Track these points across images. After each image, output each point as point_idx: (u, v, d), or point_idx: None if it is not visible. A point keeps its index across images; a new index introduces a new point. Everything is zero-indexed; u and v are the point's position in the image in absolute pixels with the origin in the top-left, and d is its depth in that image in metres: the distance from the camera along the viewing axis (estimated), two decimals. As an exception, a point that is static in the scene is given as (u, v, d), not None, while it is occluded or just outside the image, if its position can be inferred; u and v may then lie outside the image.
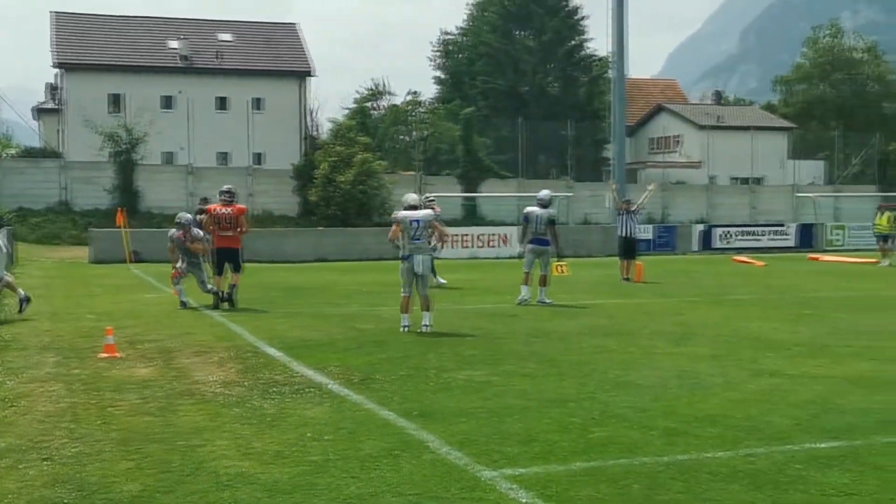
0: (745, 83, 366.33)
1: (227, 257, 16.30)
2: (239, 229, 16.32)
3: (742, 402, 8.46)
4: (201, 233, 16.64)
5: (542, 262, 17.14)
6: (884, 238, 29.26)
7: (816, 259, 32.64)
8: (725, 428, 7.47)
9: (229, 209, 16.27)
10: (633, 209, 22.86)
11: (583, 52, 62.98)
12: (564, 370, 10.08)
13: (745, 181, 52.35)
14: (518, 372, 9.99)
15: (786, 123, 61.30)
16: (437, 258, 20.39)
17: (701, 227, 39.07)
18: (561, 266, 24.13)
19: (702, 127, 55.62)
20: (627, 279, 22.08)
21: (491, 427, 7.48)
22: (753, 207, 48.21)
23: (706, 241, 37.61)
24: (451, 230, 35.10)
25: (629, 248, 22.53)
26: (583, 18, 62.44)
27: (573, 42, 62.53)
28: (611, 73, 44.73)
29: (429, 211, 13.26)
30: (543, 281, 17.03)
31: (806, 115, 65.96)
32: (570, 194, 42.05)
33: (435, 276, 20.33)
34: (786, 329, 13.58)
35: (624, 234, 22.60)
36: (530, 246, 17.19)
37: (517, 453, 6.73)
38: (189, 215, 16.80)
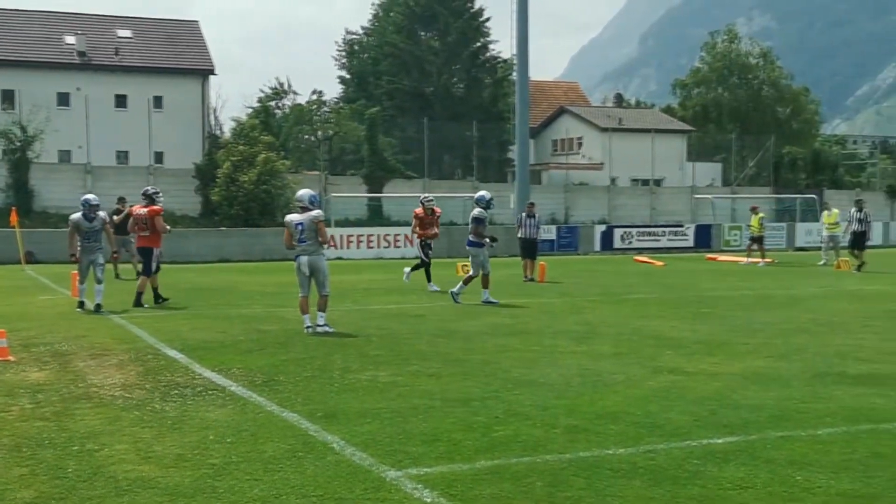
0: (644, 86, 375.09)
1: (144, 257, 16.72)
2: (155, 230, 16.66)
3: (642, 399, 8.62)
4: (107, 216, 16.82)
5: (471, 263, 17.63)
6: (756, 239, 30.09)
7: (714, 259, 33.42)
8: (626, 425, 7.59)
9: (145, 210, 16.65)
10: (535, 213, 23.37)
11: (487, 54, 63.38)
12: (469, 370, 10.13)
13: (645, 182, 53.30)
14: (423, 372, 10.00)
15: (684, 126, 62.63)
16: (343, 259, 20.21)
17: (602, 227, 39.67)
18: (465, 266, 24.26)
19: (603, 129, 56.46)
20: (531, 279, 22.35)
21: (395, 427, 7.48)
22: (653, 208, 49.12)
23: (607, 242, 38.21)
24: (356, 231, 35.15)
25: (530, 249, 22.91)
26: (487, 20, 62.82)
27: (478, 44, 62.87)
28: (514, 75, 45.12)
29: (316, 212, 13.16)
30: (467, 280, 17.43)
31: (703, 118, 67.52)
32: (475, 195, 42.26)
33: (429, 282, 19.68)
34: (684, 327, 13.87)
35: (524, 236, 23.03)
36: None
37: (421, 453, 6.73)
38: (93, 196, 16.59)
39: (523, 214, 23.73)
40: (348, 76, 65.47)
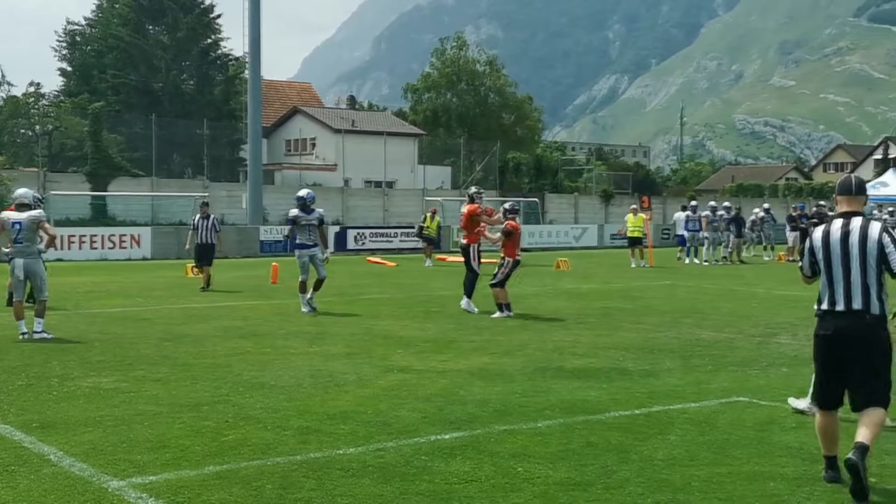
0: (377, 89, 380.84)
1: None
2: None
3: (373, 398, 8.73)
4: None
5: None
6: (429, 240, 32.20)
7: (443, 259, 34.32)
8: (357, 424, 7.67)
9: None
10: (210, 213, 21.74)
11: (219, 51, 62.08)
12: (198, 374, 9.90)
13: (378, 184, 53.99)
14: (149, 377, 9.68)
15: (416, 130, 63.89)
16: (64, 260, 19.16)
17: (336, 228, 39.84)
18: (195, 268, 23.67)
19: (336, 130, 56.70)
20: (205, 288, 20.55)
21: (119, 435, 7.20)
22: (386, 210, 49.84)
23: (341, 242, 38.42)
24: (78, 231, 33.46)
25: (205, 254, 21.21)
26: (218, 17, 61.52)
27: (209, 40, 61.44)
28: (247, 74, 44.52)
29: (37, 212, 12.53)
30: (317, 285, 16.57)
31: (434, 123, 69.18)
32: (206, 194, 41.33)
33: (469, 301, 16.88)
34: (415, 326, 14.18)
35: (201, 241, 21.23)
36: None
37: (147, 461, 6.52)
38: None
39: (197, 216, 21.73)
40: (70, 69, 62.17)
